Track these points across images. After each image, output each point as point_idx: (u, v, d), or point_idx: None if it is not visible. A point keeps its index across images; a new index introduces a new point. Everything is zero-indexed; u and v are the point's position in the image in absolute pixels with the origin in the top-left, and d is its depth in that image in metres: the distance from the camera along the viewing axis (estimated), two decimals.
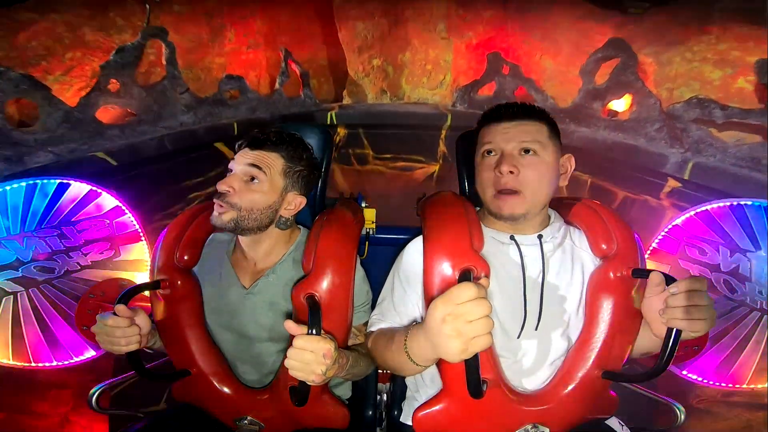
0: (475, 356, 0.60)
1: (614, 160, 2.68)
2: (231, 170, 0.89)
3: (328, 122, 3.57)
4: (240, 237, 0.93)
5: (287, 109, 3.59)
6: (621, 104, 2.86)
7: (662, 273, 0.77)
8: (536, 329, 0.84)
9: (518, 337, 0.84)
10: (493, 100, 3.51)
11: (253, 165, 0.87)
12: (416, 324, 0.73)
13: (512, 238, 0.87)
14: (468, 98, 3.79)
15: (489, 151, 0.86)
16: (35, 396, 1.62)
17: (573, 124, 2.97)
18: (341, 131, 3.59)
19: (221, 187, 0.85)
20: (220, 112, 3.11)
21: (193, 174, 2.83)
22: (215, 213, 0.86)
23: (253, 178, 0.87)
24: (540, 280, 0.85)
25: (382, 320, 0.90)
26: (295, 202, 0.92)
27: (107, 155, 2.18)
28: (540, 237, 0.87)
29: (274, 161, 0.89)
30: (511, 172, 0.81)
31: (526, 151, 0.83)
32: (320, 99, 3.99)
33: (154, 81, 2.73)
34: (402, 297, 0.90)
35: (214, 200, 0.87)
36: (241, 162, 0.87)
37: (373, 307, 0.97)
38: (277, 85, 3.64)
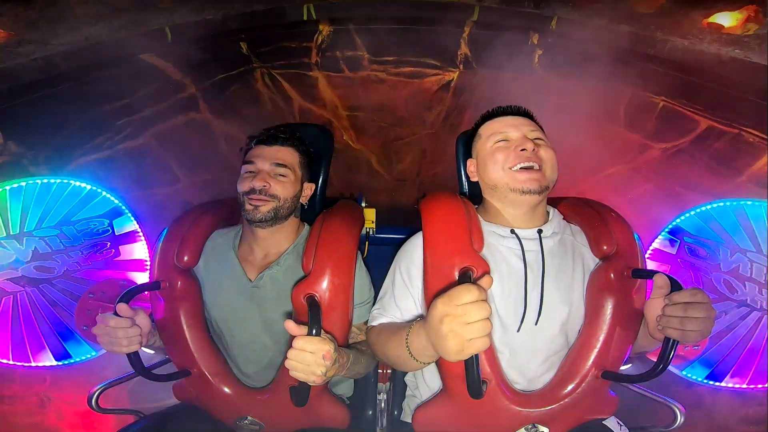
0: (475, 357, 0.60)
1: (708, 81, 2.13)
2: (253, 171, 0.94)
3: (305, 17, 2.72)
4: (258, 229, 0.96)
5: (248, 5, 2.76)
6: (727, 19, 2.27)
7: (669, 277, 0.76)
8: (536, 324, 0.84)
9: (517, 331, 0.84)
10: None
11: (279, 164, 0.95)
12: (418, 321, 0.73)
13: (513, 232, 0.87)
14: None
15: (501, 140, 0.90)
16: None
17: (660, 32, 2.29)
18: (324, 29, 2.74)
19: (257, 184, 0.92)
20: (146, 20, 2.42)
21: (116, 96, 2.25)
22: (250, 207, 0.92)
23: (281, 174, 0.95)
24: (540, 274, 0.85)
25: (383, 314, 0.91)
26: (309, 189, 1.03)
27: None
28: (540, 232, 0.87)
29: (292, 155, 0.98)
30: (533, 150, 0.86)
31: (534, 138, 0.88)
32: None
33: None
34: (403, 292, 0.90)
35: (248, 197, 0.92)
36: (266, 160, 0.95)
37: (373, 303, 0.97)
38: None
